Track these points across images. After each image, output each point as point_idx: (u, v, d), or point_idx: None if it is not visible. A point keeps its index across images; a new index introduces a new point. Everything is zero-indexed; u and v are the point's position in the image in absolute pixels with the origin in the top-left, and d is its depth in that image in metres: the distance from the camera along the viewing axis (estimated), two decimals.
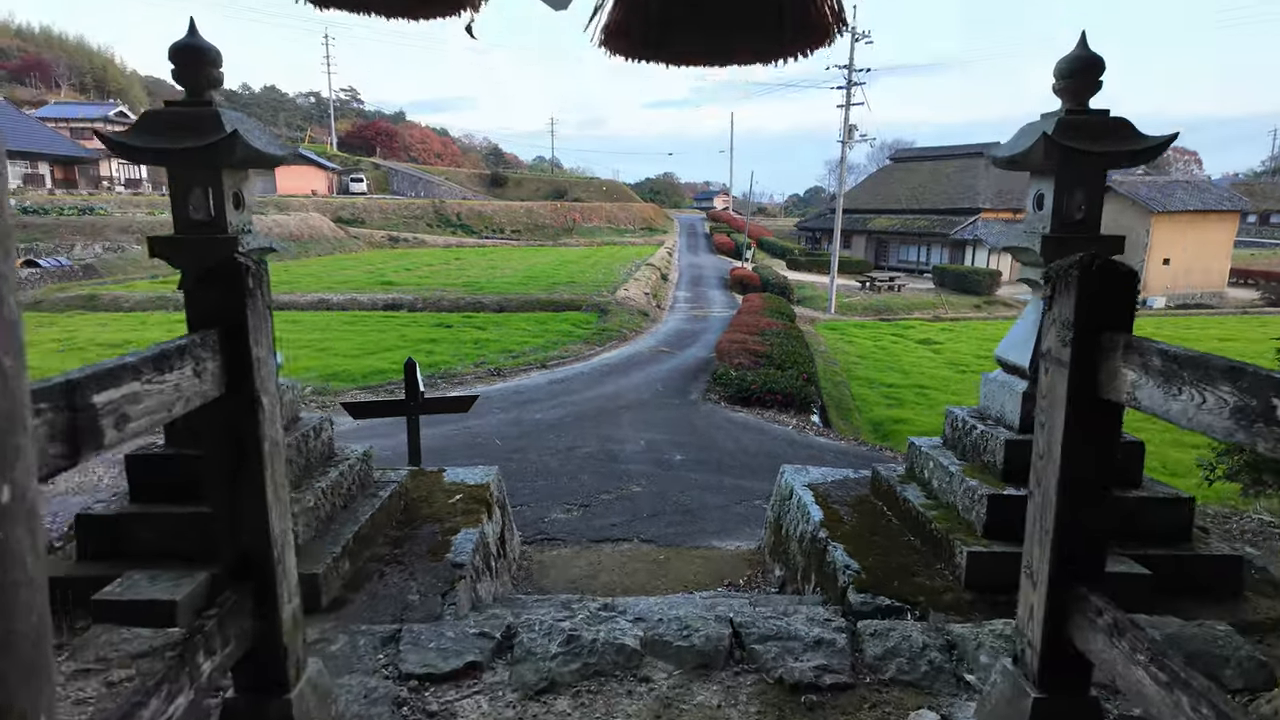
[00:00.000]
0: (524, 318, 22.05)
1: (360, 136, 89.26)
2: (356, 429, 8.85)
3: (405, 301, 24.37)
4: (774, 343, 14.96)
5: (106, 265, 29.96)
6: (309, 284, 28.26)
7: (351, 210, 55.05)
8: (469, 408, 6.39)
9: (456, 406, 6.41)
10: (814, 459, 8.96)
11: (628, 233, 60.70)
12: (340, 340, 18.38)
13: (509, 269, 34.76)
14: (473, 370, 14.39)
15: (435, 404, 6.26)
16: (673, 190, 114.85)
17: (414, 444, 6.07)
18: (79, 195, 50.12)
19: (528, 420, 10.59)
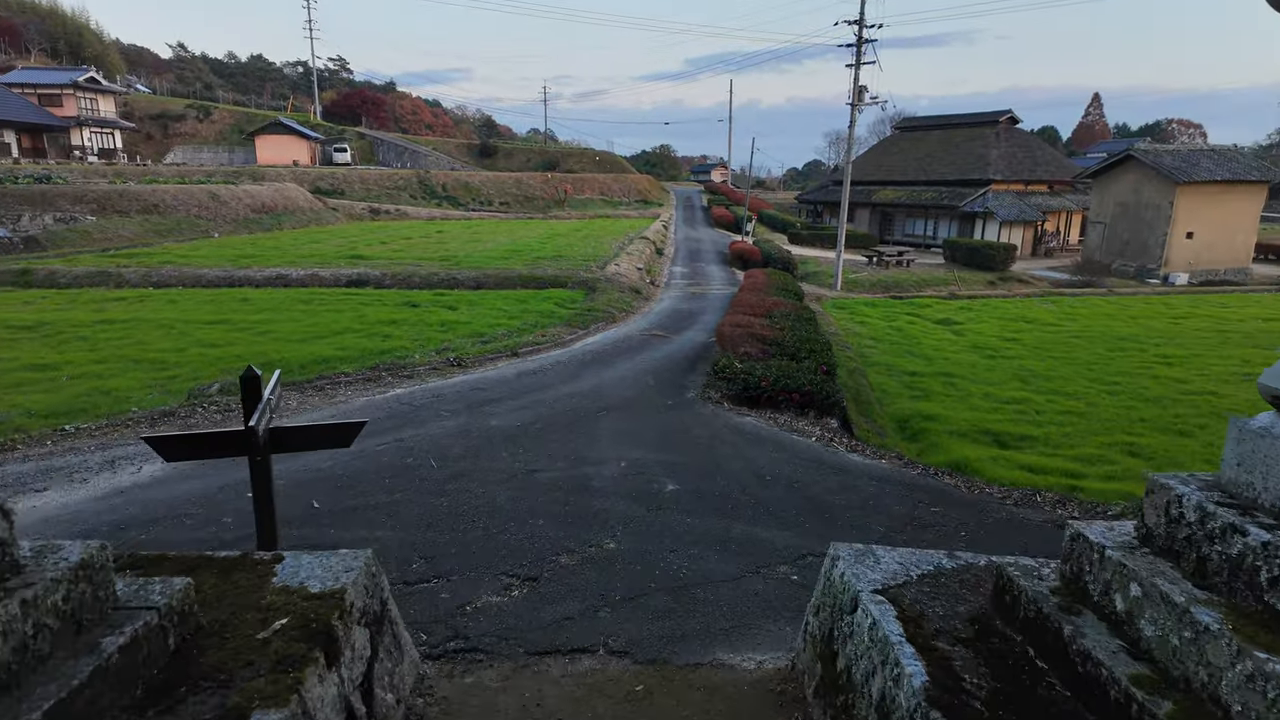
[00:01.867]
0: (502, 296, 19.82)
1: (346, 105, 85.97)
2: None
3: (371, 278, 22.10)
4: (784, 326, 12.80)
5: (53, 238, 27.55)
6: (272, 258, 25.96)
7: (331, 181, 52.43)
8: (350, 440, 4.23)
9: (329, 439, 4.26)
10: (850, 489, 6.85)
11: (622, 205, 58.17)
12: (287, 323, 16.17)
13: (492, 242, 32.44)
14: (432, 359, 12.22)
15: (294, 436, 4.10)
16: (669, 163, 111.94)
17: (261, 505, 3.94)
18: (46, 165, 47.41)
19: (481, 429, 8.44)
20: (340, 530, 5.62)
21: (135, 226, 31.94)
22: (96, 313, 17.10)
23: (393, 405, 9.41)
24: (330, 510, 6.03)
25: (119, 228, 31.04)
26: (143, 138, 66.53)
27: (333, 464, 7.15)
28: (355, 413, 9.07)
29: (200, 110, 71.09)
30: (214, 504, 6.13)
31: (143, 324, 15.84)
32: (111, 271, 21.93)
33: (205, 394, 9.51)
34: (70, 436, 7.95)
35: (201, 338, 14.66)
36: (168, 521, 5.77)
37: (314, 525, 5.69)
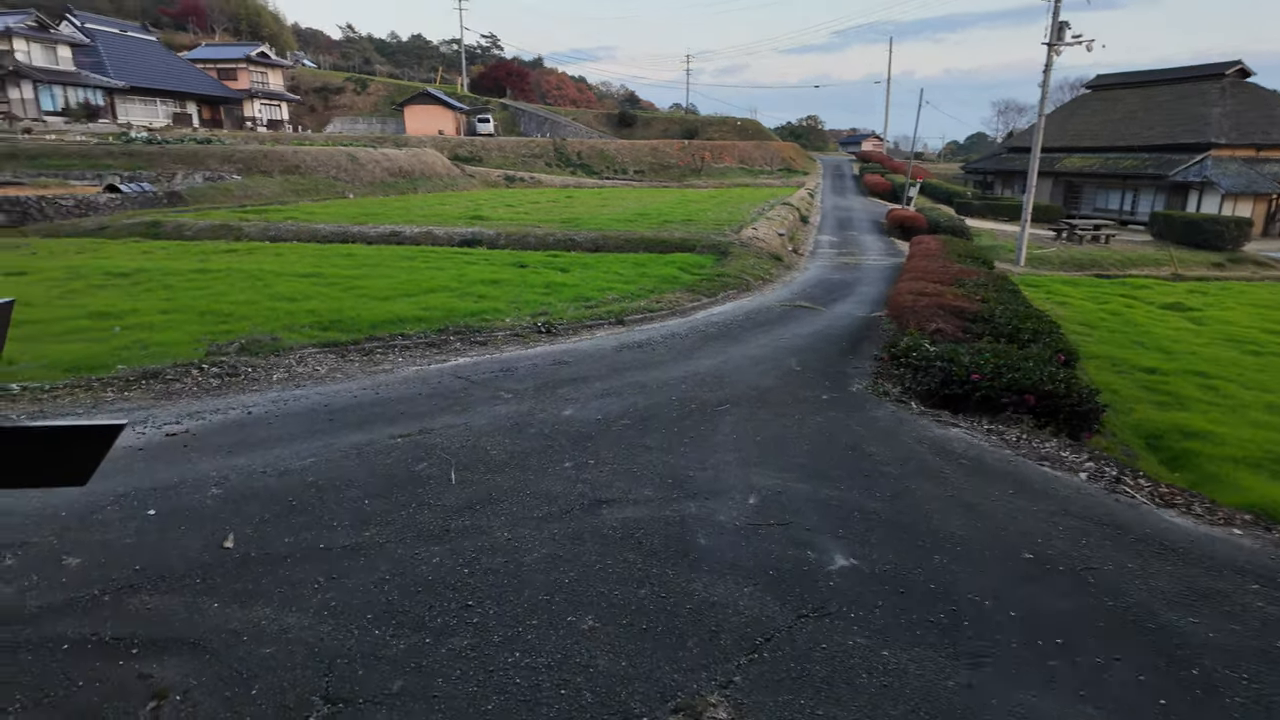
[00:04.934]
0: (619, 259, 17.27)
1: (492, 78, 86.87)
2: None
3: (486, 238, 20.27)
4: (988, 297, 9.26)
5: (195, 193, 28.01)
6: (394, 216, 24.94)
7: (470, 148, 52.32)
8: (86, 471, 1.62)
9: (41, 467, 1.65)
10: (1212, 599, 3.51)
11: (763, 173, 54.24)
12: (381, 279, 14.41)
13: (620, 207, 30.13)
14: (521, 324, 9.78)
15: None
16: (816, 135, 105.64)
17: None
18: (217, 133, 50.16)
19: (544, 422, 5.81)
20: (230, 605, 3.15)
21: (276, 186, 32.27)
22: (199, 262, 16.18)
23: (443, 380, 6.99)
24: (245, 555, 3.59)
25: (260, 186, 31.41)
26: (306, 109, 69.98)
27: (305, 462, 4.77)
28: (394, 385, 6.73)
29: (358, 83, 73.89)
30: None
31: (233, 274, 14.61)
32: (233, 225, 21.46)
33: (222, 352, 7.53)
34: (40, 396, 6.11)
35: (281, 290, 13.11)
36: None
37: (186, 591, 3.26)
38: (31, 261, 15.84)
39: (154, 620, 3.04)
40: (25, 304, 11.92)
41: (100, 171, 29.25)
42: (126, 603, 3.16)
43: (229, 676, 2.71)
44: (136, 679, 2.69)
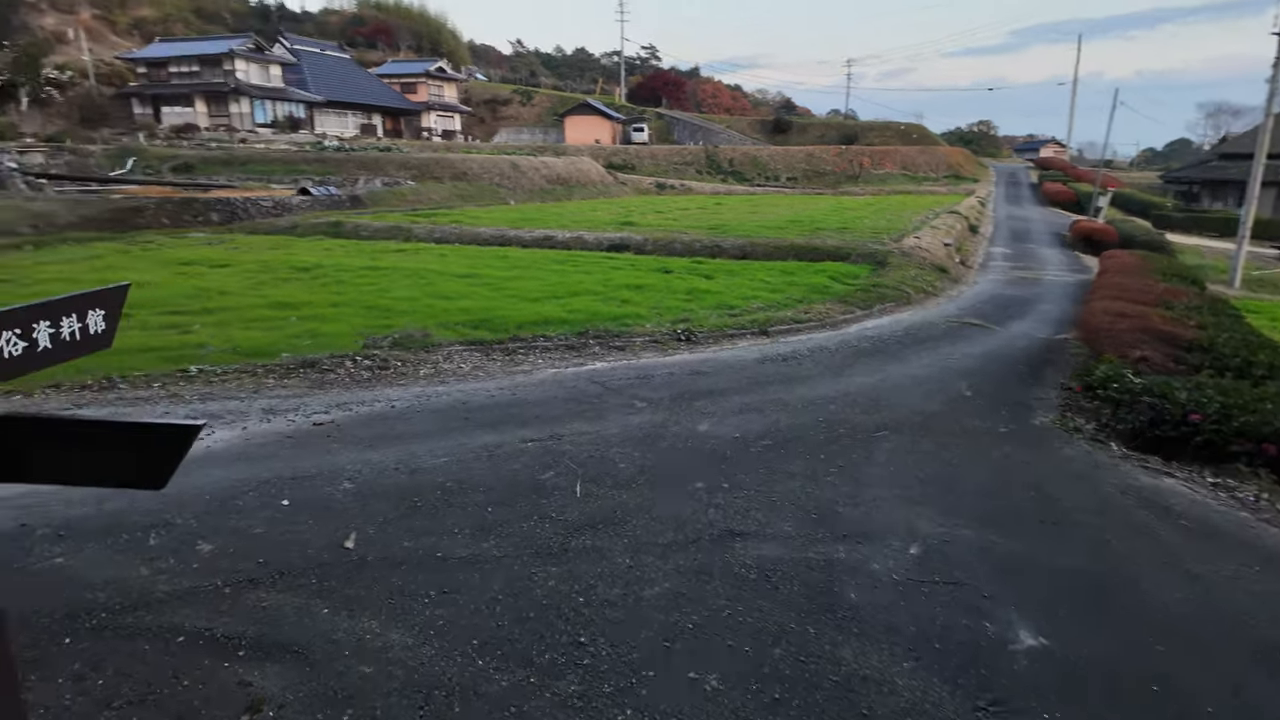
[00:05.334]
0: (767, 267, 16.64)
1: (648, 88, 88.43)
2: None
3: (633, 243, 20.31)
4: (1205, 322, 7.83)
5: (374, 197, 30.36)
6: (549, 221, 25.72)
7: (624, 156, 53.41)
8: (164, 470, 1.43)
9: (119, 462, 1.48)
10: None
11: (927, 180, 51.16)
12: (531, 281, 14.71)
13: (770, 214, 29.35)
14: (661, 330, 9.51)
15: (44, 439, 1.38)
16: (988, 141, 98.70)
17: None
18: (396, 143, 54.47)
19: (679, 436, 5.43)
20: (339, 612, 3.01)
21: (445, 191, 34.37)
22: (370, 260, 17.34)
23: (579, 384, 6.81)
24: (362, 558, 3.47)
25: (430, 191, 33.55)
26: (476, 120, 74.52)
27: (437, 461, 4.67)
28: (531, 386, 6.63)
29: (523, 95, 77.74)
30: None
31: (399, 273, 15.48)
32: (404, 226, 22.94)
33: (376, 345, 7.80)
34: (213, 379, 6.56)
35: (441, 289, 13.69)
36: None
37: (301, 591, 3.16)
38: (233, 255, 17.62)
39: (265, 621, 2.96)
40: (221, 292, 13.21)
41: (296, 176, 32.47)
42: (244, 598, 3.12)
43: (324, 695, 2.55)
44: (237, 685, 2.59)
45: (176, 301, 12.30)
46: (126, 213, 22.75)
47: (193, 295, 12.84)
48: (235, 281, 14.29)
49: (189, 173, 32.71)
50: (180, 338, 9.97)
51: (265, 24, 71.98)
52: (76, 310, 1.98)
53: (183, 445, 1.74)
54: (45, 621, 2.88)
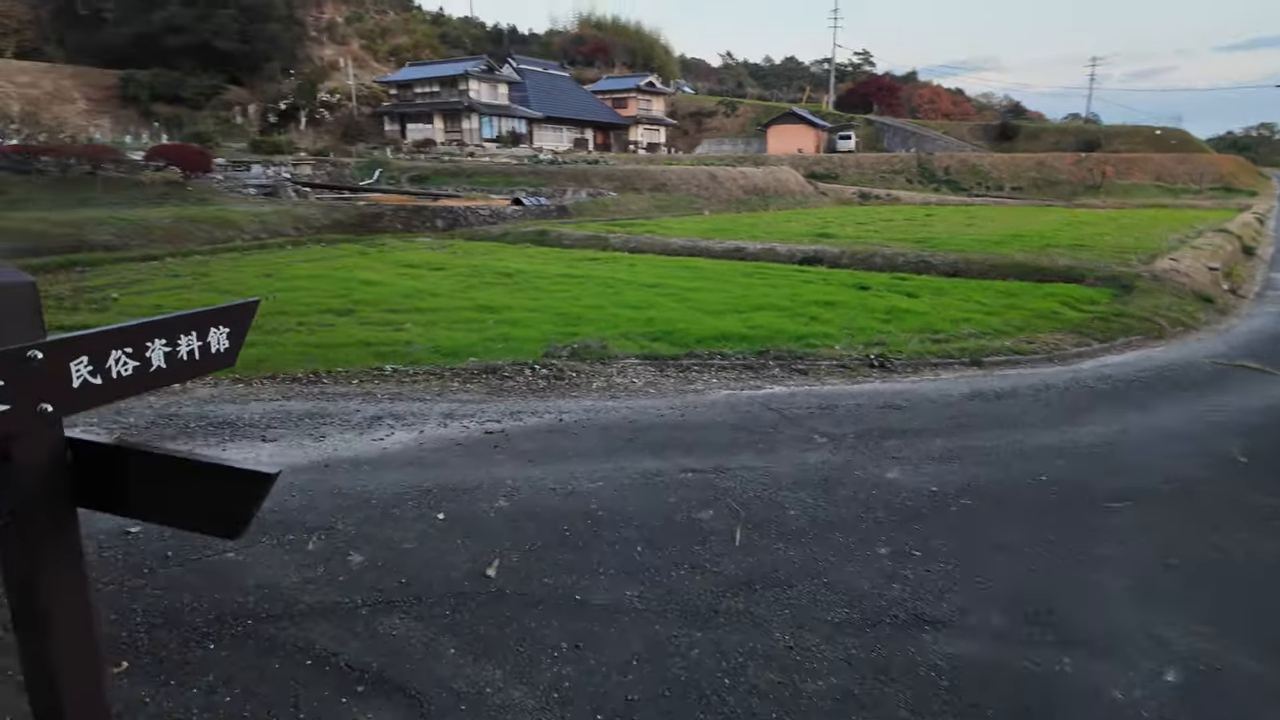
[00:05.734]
0: (982, 286, 14.96)
1: (859, 94, 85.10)
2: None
3: (828, 256, 19.30)
4: None
5: (578, 207, 31.76)
6: (740, 232, 25.34)
7: (827, 165, 51.68)
8: (241, 518, 1.26)
9: (197, 502, 1.40)
10: None
11: (1187, 192, 44.09)
12: (716, 293, 14.40)
13: (988, 227, 26.72)
14: (856, 353, 8.73)
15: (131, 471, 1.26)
16: (1270, 146, 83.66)
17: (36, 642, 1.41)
18: (603, 156, 56.99)
19: (861, 483, 4.75)
20: (465, 654, 2.81)
21: (644, 202, 35.21)
22: (567, 267, 17.99)
23: (753, 410, 6.32)
24: (500, 591, 3.27)
25: (630, 202, 34.53)
26: (680, 133, 76.08)
27: (593, 484, 4.43)
28: (701, 408, 6.24)
29: (728, 106, 78.11)
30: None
31: (590, 281, 15.86)
32: (601, 236, 23.67)
33: (556, 354, 7.84)
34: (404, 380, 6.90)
35: (627, 299, 13.78)
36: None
37: (434, 622, 2.99)
38: (450, 259, 19.10)
39: (392, 653, 2.84)
40: (434, 294, 14.29)
41: (512, 187, 34.92)
42: (378, 623, 3.03)
43: None
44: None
45: (395, 300, 13.45)
46: (369, 218, 25.66)
47: (410, 295, 14.00)
48: (447, 284, 15.41)
49: (423, 183, 36.35)
50: (393, 334, 10.82)
51: (498, 47, 78.83)
52: (197, 328, 1.89)
53: (254, 494, 1.55)
54: (198, 622, 2.97)
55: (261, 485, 1.55)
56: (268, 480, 1.56)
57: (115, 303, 13.10)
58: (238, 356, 2.01)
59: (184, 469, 1.59)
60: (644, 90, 71.46)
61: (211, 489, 1.57)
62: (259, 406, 5.73)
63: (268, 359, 9.31)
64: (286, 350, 9.67)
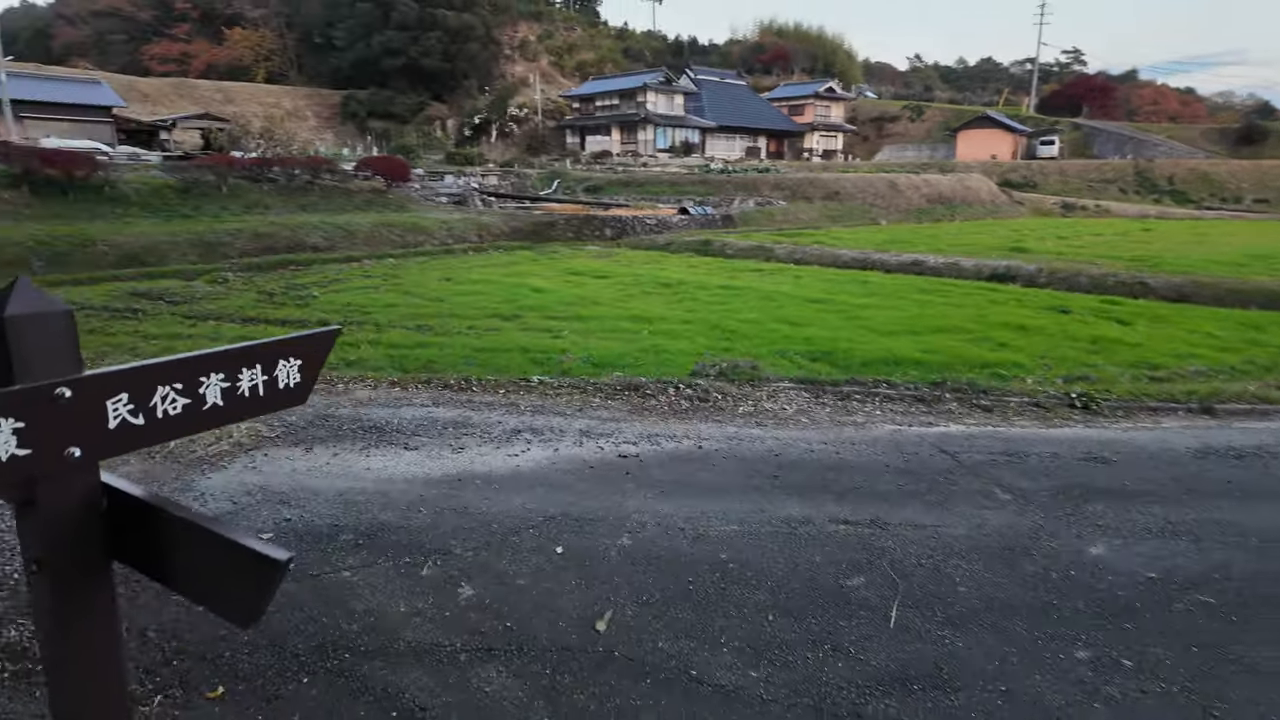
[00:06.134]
0: (1215, 315, 12.73)
1: (1065, 96, 77.26)
2: None
3: (1022, 273, 17.37)
4: None
5: (745, 216, 31.21)
6: (921, 244, 23.61)
7: (1025, 173, 47.27)
8: (255, 605, 1.04)
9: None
10: None
11: None
12: (888, 310, 13.37)
13: (1226, 246, 23.02)
14: (1053, 390, 7.58)
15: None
16: None
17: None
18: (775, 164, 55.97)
19: (1054, 556, 3.91)
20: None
21: (814, 211, 33.97)
22: (727, 279, 17.57)
23: (922, 451, 5.54)
24: (607, 651, 2.91)
25: (799, 211, 33.43)
26: (859, 139, 73.08)
27: (727, 529, 3.98)
28: (860, 445, 5.57)
29: (913, 110, 73.96)
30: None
31: (750, 293, 15.33)
32: (766, 246, 22.99)
33: (703, 373, 7.45)
34: (548, 392, 6.83)
35: (788, 313, 13.12)
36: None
37: (528, 680, 2.69)
38: (614, 268, 19.34)
39: (481, 712, 2.57)
40: (594, 301, 14.43)
41: (680, 196, 35.02)
42: (473, 675, 2.78)
43: None
44: None
45: (557, 307, 13.71)
46: (543, 226, 26.75)
47: (572, 302, 14.23)
48: (608, 292, 15.54)
49: (596, 193, 37.47)
50: (550, 341, 10.96)
51: (677, 58, 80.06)
52: (263, 360, 1.69)
53: (264, 581, 1.29)
54: (300, 649, 2.88)
55: (272, 570, 1.30)
56: (277, 566, 1.30)
57: (315, 300, 14.43)
58: (310, 392, 1.82)
59: (204, 539, 1.38)
60: (822, 96, 69.40)
61: (228, 566, 1.34)
62: (409, 412, 5.84)
63: (436, 361, 9.73)
64: (454, 352, 10.06)
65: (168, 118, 42.96)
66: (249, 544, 1.30)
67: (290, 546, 3.65)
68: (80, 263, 17.13)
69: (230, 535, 1.34)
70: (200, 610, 3.08)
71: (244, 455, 4.78)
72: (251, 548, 1.30)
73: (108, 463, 1.54)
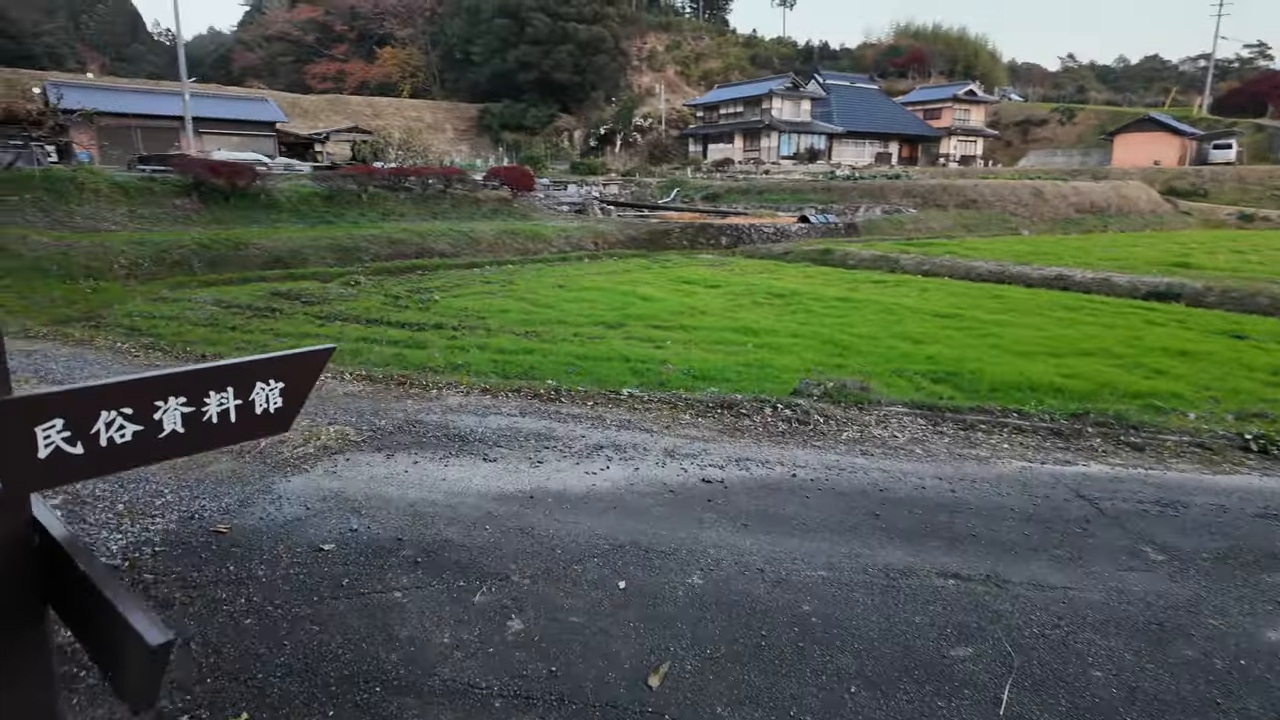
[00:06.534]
0: None
1: (1246, 94, 68.96)
2: None
3: (1187, 292, 15.46)
4: None
5: (870, 225, 29.83)
6: (1067, 257, 21.63)
7: (1193, 180, 42.64)
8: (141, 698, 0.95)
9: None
10: None
11: None
12: (1025, 329, 12.24)
13: None
14: (1222, 429, 6.50)
15: None
16: None
17: None
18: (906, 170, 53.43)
19: (1217, 641, 3.17)
20: None
21: (946, 220, 32.01)
22: (846, 290, 16.73)
23: (1054, 495, 4.81)
24: (658, 709, 2.55)
25: (930, 220, 31.59)
26: (1001, 144, 68.59)
27: (814, 574, 3.53)
28: (981, 484, 4.92)
29: (1064, 113, 68.64)
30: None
31: (869, 306, 14.47)
32: (891, 256, 21.80)
33: (806, 392, 6.92)
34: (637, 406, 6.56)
35: (910, 329, 12.25)
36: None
37: None
38: (726, 277, 18.91)
39: None
40: (701, 311, 14.08)
41: (801, 204, 34.00)
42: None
43: None
44: None
45: (664, 316, 13.48)
46: (658, 234, 26.69)
47: (679, 312, 13.96)
48: (717, 302, 15.15)
49: (715, 201, 37.09)
50: (652, 351, 10.72)
51: (806, 64, 78.37)
52: (235, 382, 1.49)
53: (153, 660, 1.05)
54: (332, 677, 2.73)
55: (143, 653, 1.06)
56: (151, 652, 1.06)
57: (435, 303, 14.95)
58: (294, 420, 1.61)
59: (97, 601, 1.17)
60: (961, 100, 65.73)
61: (114, 636, 1.13)
62: (495, 421, 5.74)
63: (537, 367, 9.72)
64: (556, 359, 10.03)
65: (322, 131, 46.59)
66: (131, 618, 1.08)
67: (351, 560, 3.57)
68: (233, 264, 18.67)
69: (117, 602, 1.12)
70: (247, 623, 3.02)
71: (327, 459, 4.81)
72: (130, 623, 1.08)
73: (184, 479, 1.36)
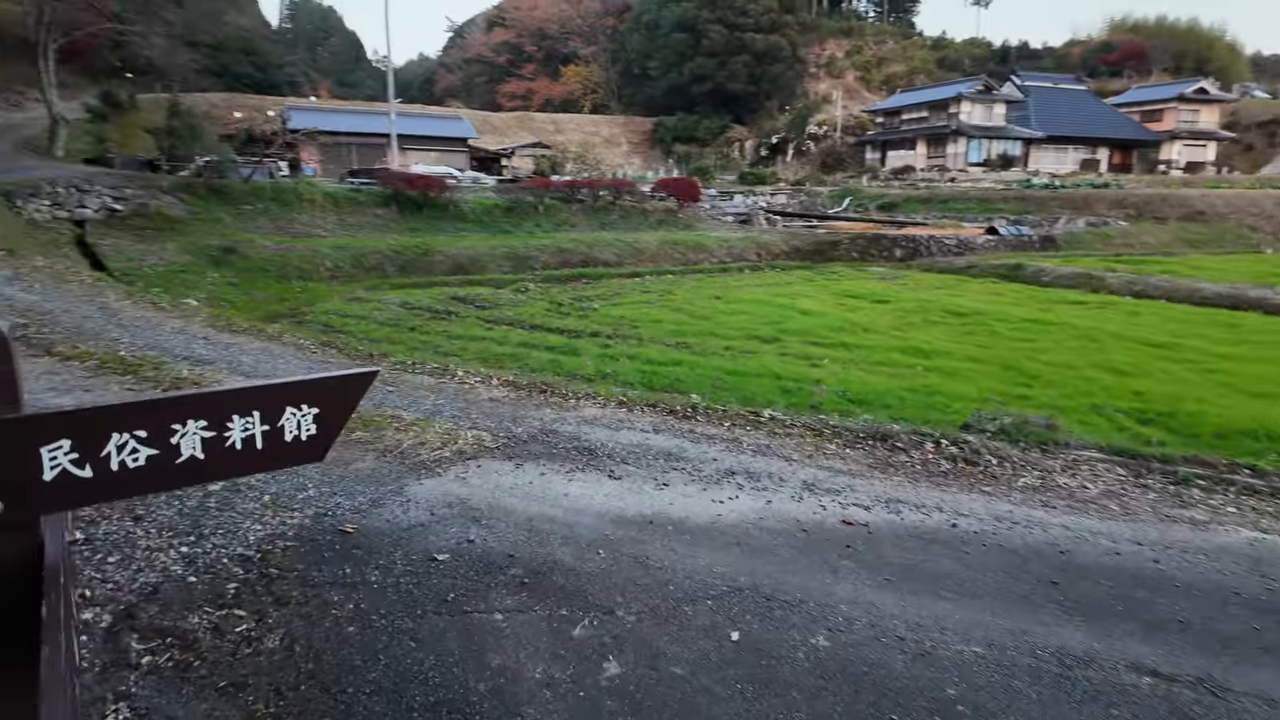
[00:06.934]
0: None
1: None
2: None
3: None
4: None
5: (1070, 238, 26.81)
6: None
7: None
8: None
9: None
10: None
11: None
12: (1263, 363, 10.36)
13: None
14: None
15: None
16: None
17: None
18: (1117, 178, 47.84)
19: None
20: None
21: (1165, 234, 28.09)
22: (1038, 311, 15.06)
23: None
24: None
25: (1145, 234, 27.86)
26: (1240, 149, 59.54)
27: (967, 650, 2.99)
28: (1194, 556, 4.03)
29: None
30: None
31: (1065, 330, 12.87)
32: (1095, 274, 19.41)
33: (979, 427, 6.12)
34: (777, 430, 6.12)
35: (1112, 358, 10.73)
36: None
37: None
38: (897, 292, 17.72)
39: None
40: (865, 329, 13.20)
41: (990, 214, 31.28)
42: None
43: None
44: None
45: (823, 333, 12.78)
46: (824, 245, 25.65)
47: (839, 328, 13.18)
48: (885, 319, 14.16)
49: (890, 210, 35.15)
50: (806, 369, 10.15)
51: (1002, 65, 72.47)
52: (264, 406, 1.37)
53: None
54: (415, 702, 2.58)
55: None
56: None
57: (594, 311, 15.24)
58: (328, 449, 1.46)
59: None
60: (1189, 99, 57.75)
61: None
62: (626, 437, 5.57)
63: (684, 380, 9.51)
64: (703, 373, 9.77)
65: (508, 146, 49.73)
66: None
67: (461, 573, 3.51)
68: (421, 269, 20.22)
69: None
70: (350, 630, 3.02)
71: (460, 464, 4.87)
72: None
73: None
